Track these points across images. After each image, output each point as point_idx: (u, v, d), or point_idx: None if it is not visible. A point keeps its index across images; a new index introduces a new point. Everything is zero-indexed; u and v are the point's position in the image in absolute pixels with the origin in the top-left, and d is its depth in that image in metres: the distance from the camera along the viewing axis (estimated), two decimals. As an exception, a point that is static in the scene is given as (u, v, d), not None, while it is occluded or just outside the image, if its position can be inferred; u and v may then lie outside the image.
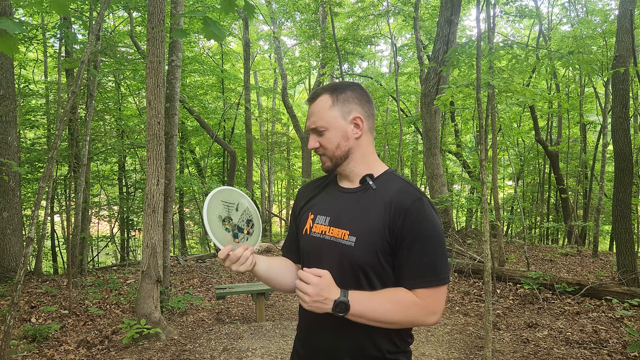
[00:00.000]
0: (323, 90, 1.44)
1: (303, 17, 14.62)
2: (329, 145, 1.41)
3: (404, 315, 1.30)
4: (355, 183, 1.45)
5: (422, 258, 1.31)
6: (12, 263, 7.02)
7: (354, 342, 1.37)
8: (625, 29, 6.53)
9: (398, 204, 1.33)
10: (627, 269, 6.33)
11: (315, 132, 1.43)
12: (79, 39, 9.83)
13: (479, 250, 9.19)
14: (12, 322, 3.71)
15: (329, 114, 1.41)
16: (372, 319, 1.29)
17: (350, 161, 1.43)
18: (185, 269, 9.17)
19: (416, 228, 1.31)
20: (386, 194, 1.38)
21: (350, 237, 1.35)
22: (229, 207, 1.42)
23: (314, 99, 1.44)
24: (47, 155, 7.91)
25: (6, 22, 1.67)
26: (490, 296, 3.80)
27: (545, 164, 14.49)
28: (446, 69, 7.22)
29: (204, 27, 1.85)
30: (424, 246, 1.31)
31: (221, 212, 1.40)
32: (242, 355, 4.39)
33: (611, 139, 6.94)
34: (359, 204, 1.40)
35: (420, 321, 1.33)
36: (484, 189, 4.09)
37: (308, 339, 1.48)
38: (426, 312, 1.31)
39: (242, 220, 1.44)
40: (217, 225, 1.38)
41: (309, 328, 1.47)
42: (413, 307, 1.30)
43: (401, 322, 1.31)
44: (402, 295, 1.31)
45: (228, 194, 1.44)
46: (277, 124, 20.79)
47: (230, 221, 1.41)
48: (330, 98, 1.42)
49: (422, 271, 1.30)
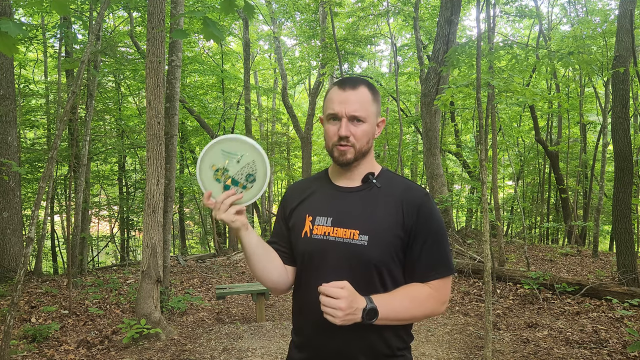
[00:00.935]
0: (363, 82, 1.41)
1: (303, 17, 14.61)
2: (363, 138, 1.38)
3: (422, 309, 1.34)
4: (356, 182, 1.44)
5: (435, 251, 1.36)
6: (12, 263, 7.02)
7: (366, 341, 1.35)
8: (625, 29, 6.53)
9: (410, 201, 1.37)
10: (627, 269, 6.33)
11: (354, 120, 1.37)
12: (79, 39, 9.83)
13: (479, 250, 9.19)
14: (12, 322, 3.71)
15: (370, 108, 1.40)
16: (394, 318, 1.31)
17: (364, 159, 1.43)
18: (185, 269, 9.17)
19: (429, 223, 1.36)
20: (393, 192, 1.39)
21: (362, 237, 1.34)
22: (230, 157, 1.32)
23: (356, 87, 1.38)
24: (47, 155, 7.91)
25: (7, 24, 1.67)
26: (490, 296, 3.80)
27: (545, 164, 14.48)
28: (446, 69, 7.22)
29: (204, 28, 1.85)
30: (436, 240, 1.36)
31: (217, 161, 1.32)
32: (242, 355, 4.39)
33: (611, 139, 6.94)
34: (364, 202, 1.39)
35: (434, 312, 1.37)
36: (484, 189, 4.09)
37: (312, 342, 1.42)
38: (439, 303, 1.37)
39: (241, 173, 1.33)
40: (208, 175, 1.32)
41: (314, 331, 1.40)
42: (430, 299, 1.35)
43: (419, 316, 1.36)
44: (417, 291, 1.34)
45: (232, 143, 1.32)
46: (277, 124, 20.78)
47: (225, 172, 1.32)
48: (370, 93, 1.40)
49: (436, 264, 1.36)
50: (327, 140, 1.42)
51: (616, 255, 6.66)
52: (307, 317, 1.43)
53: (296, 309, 1.50)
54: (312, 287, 1.36)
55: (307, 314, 1.41)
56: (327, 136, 1.41)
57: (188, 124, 13.79)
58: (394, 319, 1.31)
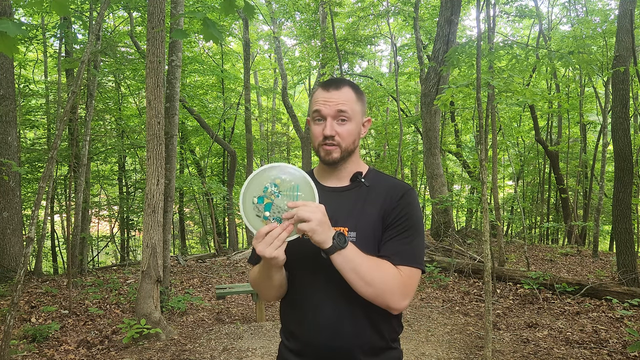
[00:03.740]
0: (346, 82, 1.43)
1: (303, 17, 14.60)
2: (348, 137, 1.39)
3: (383, 280, 1.28)
4: (344, 181, 1.46)
5: (409, 242, 1.35)
6: (12, 263, 7.02)
7: (363, 338, 1.35)
8: (625, 28, 6.53)
9: (393, 195, 1.39)
10: (627, 269, 6.33)
11: (338, 118, 1.38)
12: (79, 39, 9.83)
13: (479, 250, 9.20)
14: (12, 322, 3.71)
15: (355, 107, 1.41)
16: (355, 268, 1.25)
17: (350, 158, 1.44)
18: (185, 269, 9.17)
19: (408, 214, 1.37)
20: (381, 189, 1.41)
21: (351, 233, 1.36)
22: (270, 191, 1.27)
23: (339, 86, 1.40)
24: (47, 155, 7.91)
25: (6, 24, 1.67)
26: (490, 296, 3.80)
27: (545, 163, 14.48)
28: (446, 69, 7.22)
29: (204, 29, 1.85)
30: (412, 233, 1.36)
31: (257, 193, 1.26)
32: (242, 355, 4.39)
33: (611, 139, 6.94)
34: (354, 201, 1.41)
35: (393, 298, 1.29)
36: (484, 188, 4.09)
37: (306, 342, 1.39)
38: (401, 291, 1.30)
39: (282, 204, 1.26)
40: (251, 213, 1.25)
41: (308, 330, 1.38)
42: (395, 278, 1.30)
43: (378, 285, 1.27)
44: (387, 264, 1.32)
45: (264, 175, 1.26)
46: (277, 124, 20.79)
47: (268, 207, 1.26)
48: (354, 93, 1.42)
49: (408, 253, 1.34)
50: (313, 140, 1.43)
51: (616, 255, 6.67)
52: (301, 316, 1.40)
53: (287, 310, 1.47)
54: (306, 287, 1.37)
55: (301, 313, 1.39)
56: (313, 136, 1.43)
57: (188, 124, 13.79)
58: (354, 268, 1.25)
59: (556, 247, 11.98)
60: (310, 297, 1.38)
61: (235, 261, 9.97)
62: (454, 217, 14.83)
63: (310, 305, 1.38)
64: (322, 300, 1.36)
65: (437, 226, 10.63)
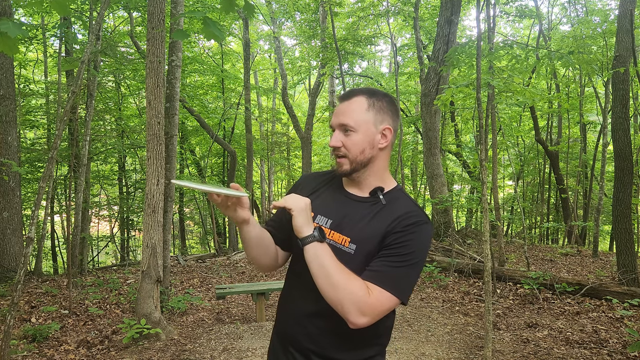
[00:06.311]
0: (360, 91, 1.42)
1: (303, 17, 14.60)
2: (353, 148, 1.38)
3: (347, 288, 1.25)
4: (364, 192, 1.44)
5: (395, 268, 1.29)
6: (12, 263, 7.02)
7: (325, 338, 1.40)
8: (625, 29, 6.53)
9: (404, 219, 1.34)
10: (627, 269, 6.33)
11: (342, 130, 1.39)
12: (79, 39, 9.83)
13: (479, 250, 9.20)
14: (12, 322, 3.71)
15: (363, 117, 1.39)
16: (325, 267, 1.26)
17: (367, 170, 1.42)
18: (185, 269, 9.17)
19: (410, 244, 1.31)
20: (395, 211, 1.37)
21: (351, 245, 1.36)
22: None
23: (349, 97, 1.41)
24: (47, 155, 7.91)
25: (7, 24, 1.67)
26: (490, 296, 3.80)
27: (545, 163, 14.48)
28: (446, 69, 7.23)
29: (204, 28, 1.85)
30: (404, 261, 1.30)
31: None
32: (242, 355, 4.39)
33: (611, 139, 6.94)
34: (365, 214, 1.40)
35: (351, 308, 1.24)
36: (484, 189, 4.09)
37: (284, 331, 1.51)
38: (360, 308, 1.24)
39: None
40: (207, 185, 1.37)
41: (282, 315, 1.52)
42: (360, 291, 1.25)
43: (341, 291, 1.25)
44: (355, 277, 1.28)
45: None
46: (277, 124, 20.77)
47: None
48: (367, 101, 1.40)
49: (388, 277, 1.28)
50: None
51: (616, 255, 6.67)
52: (283, 302, 1.54)
53: (282, 299, 1.57)
54: (303, 280, 1.41)
55: (284, 299, 1.53)
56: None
57: (188, 124, 13.78)
58: (323, 264, 1.27)
59: (556, 247, 11.98)
60: (294, 287, 1.49)
61: (235, 261, 9.96)
62: (454, 217, 14.83)
63: (291, 296, 1.50)
64: (301, 294, 1.45)
65: (437, 226, 10.64)
